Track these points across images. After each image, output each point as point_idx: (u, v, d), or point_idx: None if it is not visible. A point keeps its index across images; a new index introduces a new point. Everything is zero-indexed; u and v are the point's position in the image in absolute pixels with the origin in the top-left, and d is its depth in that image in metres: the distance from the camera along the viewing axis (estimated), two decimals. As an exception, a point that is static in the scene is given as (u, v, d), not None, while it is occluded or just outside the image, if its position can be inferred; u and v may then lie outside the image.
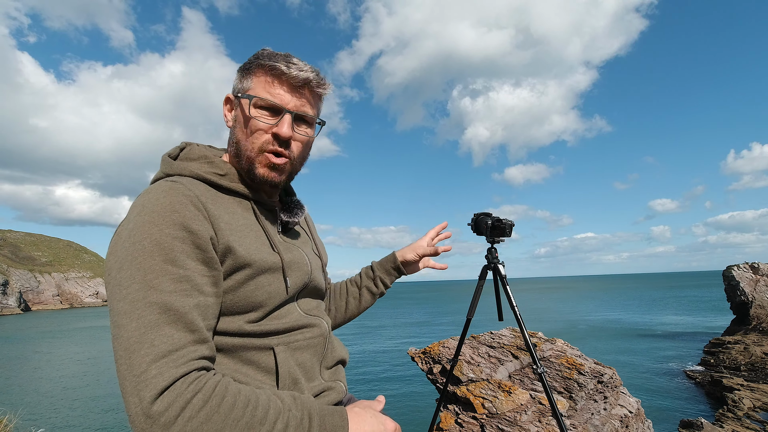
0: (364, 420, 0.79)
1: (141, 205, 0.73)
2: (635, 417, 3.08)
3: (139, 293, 0.65)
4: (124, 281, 0.66)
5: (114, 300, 0.66)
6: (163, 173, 0.86)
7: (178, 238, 0.70)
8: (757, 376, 14.53)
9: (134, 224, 0.70)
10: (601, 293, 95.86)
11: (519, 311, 1.96)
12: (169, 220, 0.70)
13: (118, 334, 0.64)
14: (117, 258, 0.69)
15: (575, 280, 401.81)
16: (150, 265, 0.66)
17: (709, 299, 57.08)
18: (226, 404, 0.63)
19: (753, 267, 20.88)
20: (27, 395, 16.58)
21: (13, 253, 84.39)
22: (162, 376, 0.60)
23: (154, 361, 0.61)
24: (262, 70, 0.86)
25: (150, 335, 0.63)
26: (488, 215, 2.02)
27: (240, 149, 0.87)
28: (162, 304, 0.65)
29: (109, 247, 0.74)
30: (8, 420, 3.86)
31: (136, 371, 0.61)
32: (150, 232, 0.69)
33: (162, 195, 0.73)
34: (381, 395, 0.95)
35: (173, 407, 0.59)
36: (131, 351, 0.62)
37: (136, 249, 0.68)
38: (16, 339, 35.98)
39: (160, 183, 0.77)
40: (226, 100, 0.93)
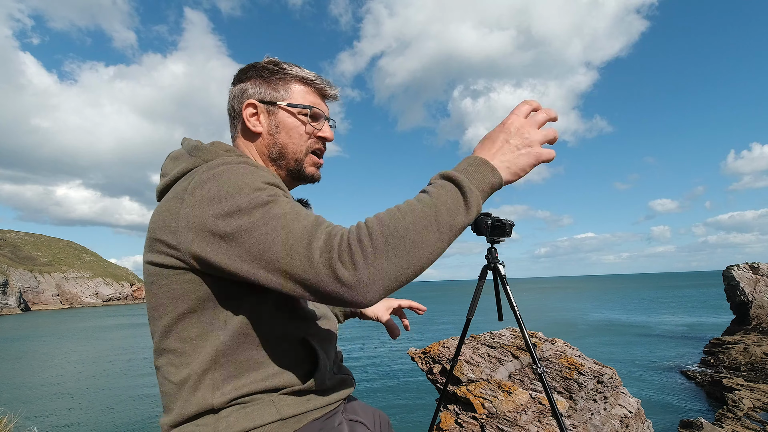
0: (484, 144, 0.77)
1: (217, 174, 0.76)
2: (635, 417, 3.08)
3: (267, 215, 0.70)
4: (245, 220, 0.70)
5: (245, 237, 0.70)
6: (203, 161, 0.86)
7: (272, 184, 0.77)
8: (757, 376, 14.53)
9: (222, 185, 0.73)
10: (601, 293, 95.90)
11: (519, 311, 1.96)
12: (257, 173, 0.77)
13: (274, 251, 0.68)
14: (219, 213, 0.71)
15: (575, 280, 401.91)
16: (261, 199, 0.72)
17: (709, 299, 57.09)
18: (378, 218, 0.69)
19: (753, 267, 20.88)
20: (27, 395, 16.58)
21: (13, 253, 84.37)
22: (328, 250, 0.66)
23: (328, 229, 0.69)
24: (301, 81, 0.97)
25: (315, 221, 0.70)
26: (488, 215, 2.02)
27: (287, 152, 0.96)
28: (292, 210, 0.72)
29: (194, 218, 0.74)
30: (8, 420, 3.86)
31: (310, 264, 0.66)
32: (245, 181, 0.74)
33: (238, 163, 0.79)
34: None
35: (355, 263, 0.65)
36: (310, 231, 0.68)
37: (239, 196, 0.72)
38: (16, 339, 35.98)
39: (225, 158, 0.82)
40: (249, 106, 0.96)
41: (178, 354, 0.81)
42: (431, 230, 0.66)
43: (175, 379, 0.81)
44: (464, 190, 0.69)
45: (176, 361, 0.81)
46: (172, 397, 0.81)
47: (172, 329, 0.81)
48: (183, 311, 0.79)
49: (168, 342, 0.81)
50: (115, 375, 20.20)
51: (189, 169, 0.85)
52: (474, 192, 0.69)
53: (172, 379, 0.81)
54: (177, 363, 0.81)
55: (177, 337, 0.81)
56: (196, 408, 0.78)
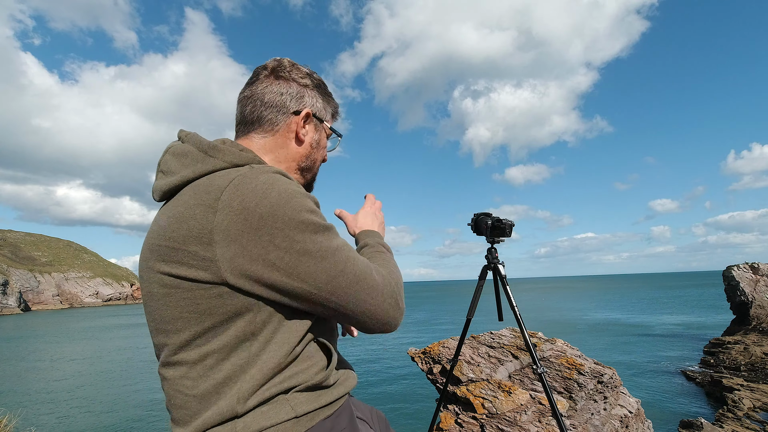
0: (369, 219, 1.14)
1: (263, 188, 0.75)
2: (635, 417, 3.07)
3: (333, 242, 0.79)
4: (311, 244, 0.75)
5: (312, 263, 0.75)
6: (228, 163, 0.82)
7: (318, 205, 0.83)
8: (757, 376, 14.53)
9: (274, 202, 0.74)
10: (601, 293, 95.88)
11: (519, 311, 1.96)
12: (304, 193, 0.80)
13: (345, 280, 0.78)
14: (276, 234, 0.73)
15: (575, 280, 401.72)
16: (321, 224, 0.78)
17: (709, 299, 57.08)
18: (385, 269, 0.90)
19: (753, 267, 20.88)
20: (26, 395, 16.58)
21: (13, 253, 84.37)
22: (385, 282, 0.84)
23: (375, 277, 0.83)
24: (336, 111, 1.08)
25: (360, 261, 0.82)
26: (488, 215, 2.02)
27: (314, 167, 1.06)
28: (348, 243, 0.84)
29: (242, 235, 0.72)
30: (8, 420, 3.86)
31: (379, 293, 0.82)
32: (299, 202, 0.76)
33: (281, 177, 0.81)
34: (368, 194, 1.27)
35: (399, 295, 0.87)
36: (362, 278, 0.80)
37: (298, 218, 0.75)
38: (16, 339, 35.98)
39: (263, 167, 0.82)
40: (307, 116, 0.98)
41: (197, 367, 0.78)
42: (399, 281, 0.92)
43: (193, 392, 0.78)
44: (388, 249, 1.03)
45: (194, 374, 0.78)
46: (188, 410, 0.78)
47: (193, 343, 0.78)
48: (208, 326, 0.76)
49: (185, 355, 0.78)
50: (115, 375, 20.20)
51: (209, 171, 0.80)
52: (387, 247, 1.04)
53: (190, 392, 0.78)
54: (195, 376, 0.78)
55: (198, 351, 0.77)
56: (220, 418, 0.76)
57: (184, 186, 0.80)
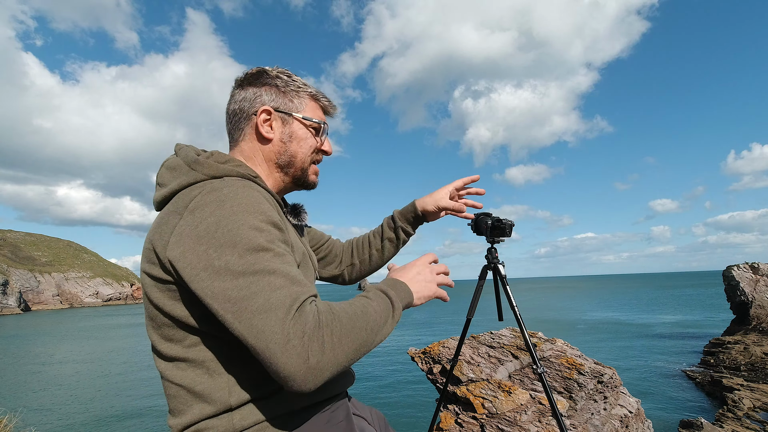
0: (401, 273, 0.97)
1: (219, 200, 0.77)
2: (635, 417, 3.08)
3: (257, 265, 0.72)
4: (236, 261, 0.71)
5: (232, 278, 0.71)
6: (206, 175, 0.86)
7: (271, 224, 0.79)
8: (757, 376, 14.52)
9: (225, 214, 0.75)
10: (601, 293, 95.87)
11: (519, 311, 1.96)
12: (259, 209, 0.78)
13: (253, 301, 0.69)
14: (218, 245, 0.72)
15: (575, 280, 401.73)
16: (257, 244, 0.74)
17: (709, 299, 57.08)
18: (341, 310, 0.75)
19: (753, 267, 20.87)
20: (26, 395, 16.58)
21: (13, 253, 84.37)
22: (310, 315, 0.70)
23: (298, 308, 0.70)
24: (312, 97, 1.04)
25: (285, 291, 0.71)
26: (488, 215, 2.02)
27: (296, 161, 1.03)
28: (282, 270, 0.73)
29: (186, 239, 0.75)
30: (8, 420, 3.86)
31: (286, 324, 0.68)
32: (246, 219, 0.75)
33: (241, 191, 0.80)
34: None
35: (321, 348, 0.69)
36: (275, 308, 0.69)
37: (239, 235, 0.73)
38: (16, 339, 35.98)
39: (228, 181, 0.83)
40: (263, 112, 0.98)
41: (183, 360, 0.82)
42: (371, 334, 0.77)
43: (183, 382, 0.81)
44: (394, 306, 0.85)
45: (182, 365, 0.82)
46: (181, 399, 0.81)
47: (173, 337, 0.82)
48: (184, 323, 0.80)
49: (170, 348, 0.82)
50: (115, 375, 20.20)
51: (190, 183, 0.85)
52: (399, 310, 0.86)
53: (180, 383, 0.81)
54: (184, 367, 0.82)
55: (180, 345, 0.82)
56: (214, 410, 0.79)
57: (171, 197, 0.86)
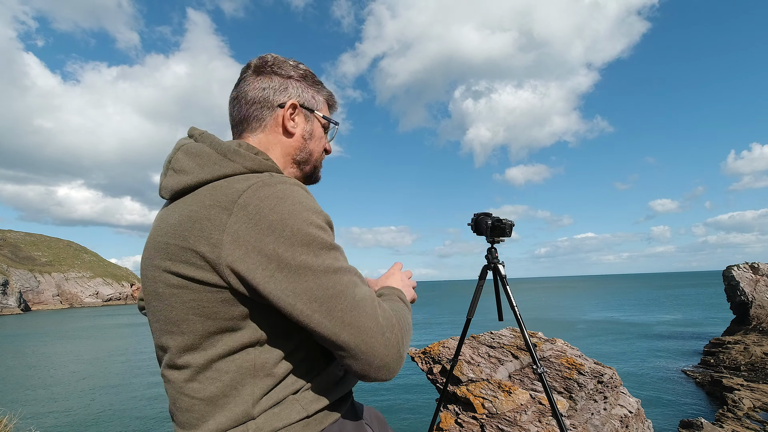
0: (390, 280, 1.02)
1: (277, 196, 0.75)
2: (635, 417, 3.07)
3: (336, 263, 0.75)
4: (313, 260, 0.72)
5: (311, 277, 0.72)
6: (246, 168, 0.81)
7: (328, 222, 0.81)
8: (757, 376, 14.53)
9: (286, 211, 0.73)
10: (601, 293, 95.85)
11: (519, 311, 1.96)
12: (316, 208, 0.79)
13: (341, 300, 0.72)
14: (280, 244, 0.71)
15: (575, 280, 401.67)
16: (328, 242, 0.75)
17: (709, 299, 57.06)
18: (397, 314, 0.82)
19: (753, 267, 20.87)
20: (27, 395, 16.58)
21: (13, 253, 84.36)
22: (386, 311, 0.78)
23: (379, 305, 0.77)
24: (331, 98, 1.05)
25: (365, 287, 0.77)
26: (488, 215, 2.02)
27: (312, 158, 1.02)
28: (352, 269, 0.79)
29: (248, 238, 0.71)
30: (8, 420, 3.86)
31: (377, 316, 0.74)
32: (309, 217, 0.75)
33: (294, 187, 0.79)
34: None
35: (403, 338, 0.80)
36: (360, 307, 0.73)
37: (305, 232, 0.73)
38: (16, 339, 35.98)
39: (280, 177, 0.80)
40: (293, 107, 0.95)
41: (205, 370, 0.76)
42: (410, 330, 0.87)
43: (200, 395, 0.76)
44: (409, 310, 0.92)
45: (201, 377, 0.77)
46: (195, 413, 0.77)
47: (199, 346, 0.76)
48: (214, 330, 0.75)
49: (190, 358, 0.77)
50: (115, 375, 20.20)
51: (227, 174, 0.78)
52: (408, 304, 0.95)
53: (197, 395, 0.76)
54: (203, 379, 0.76)
55: (204, 354, 0.76)
56: (234, 422, 0.75)
57: (198, 187, 0.78)
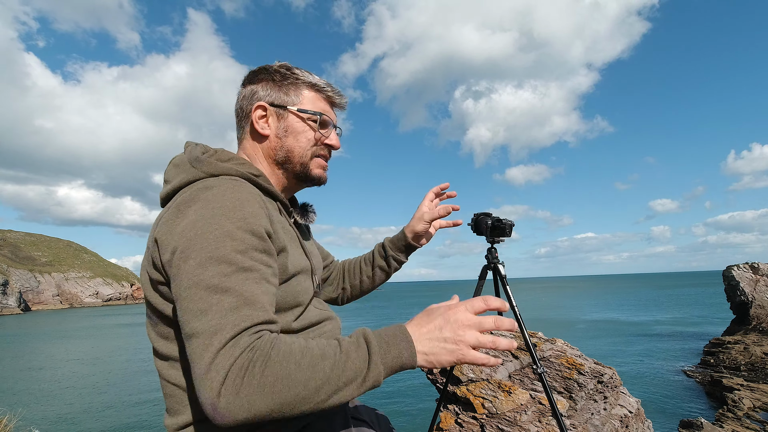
0: (421, 320, 0.74)
1: (205, 199, 0.76)
2: (635, 417, 3.08)
3: (214, 279, 0.68)
4: (195, 269, 0.69)
5: (186, 287, 0.69)
6: (205, 173, 0.86)
7: (248, 231, 0.74)
8: (757, 376, 14.52)
9: (202, 216, 0.74)
10: (601, 293, 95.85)
11: (519, 311, 1.96)
12: (240, 214, 0.75)
13: (198, 320, 0.66)
14: (185, 246, 0.71)
15: (575, 280, 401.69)
16: (222, 254, 0.70)
17: (709, 299, 57.06)
18: (284, 353, 0.65)
19: (753, 267, 20.87)
20: (27, 395, 16.58)
21: (13, 253, 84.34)
22: (237, 348, 0.63)
23: (232, 338, 0.64)
24: (312, 88, 0.98)
25: (231, 317, 0.65)
26: (488, 215, 2.02)
27: (293, 156, 0.98)
28: (237, 289, 0.68)
29: (164, 235, 0.75)
30: (8, 420, 3.86)
31: (212, 350, 0.63)
32: (221, 223, 0.73)
33: (229, 191, 0.78)
34: (455, 295, 0.84)
35: (236, 391, 0.61)
36: (212, 334, 0.64)
37: (207, 238, 0.71)
38: (16, 339, 35.97)
39: (221, 180, 0.81)
40: (258, 108, 0.96)
41: (179, 359, 0.81)
42: (313, 393, 0.64)
43: (177, 382, 0.81)
44: (371, 366, 0.68)
45: (178, 364, 0.81)
46: (177, 398, 0.81)
47: (169, 335, 0.82)
48: (174, 321, 0.79)
49: (166, 347, 0.82)
50: (115, 374, 20.19)
51: (190, 180, 0.85)
52: (378, 369, 0.68)
53: (176, 382, 0.81)
54: (179, 366, 0.81)
55: (176, 343, 0.81)
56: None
57: (174, 194, 0.86)
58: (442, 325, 0.72)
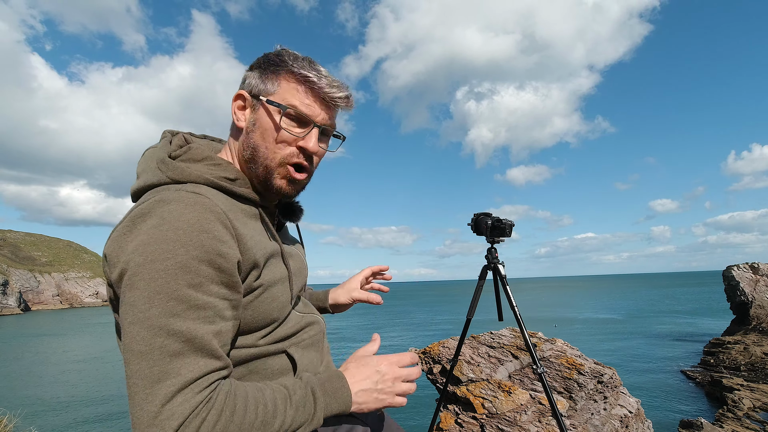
0: (358, 372, 0.82)
1: (161, 217, 0.66)
2: (635, 417, 3.07)
3: (161, 319, 0.62)
4: (142, 303, 0.62)
5: (129, 322, 0.63)
6: (169, 178, 0.77)
7: (205, 261, 0.66)
8: (757, 376, 14.52)
9: (155, 238, 0.64)
10: (601, 293, 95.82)
11: (519, 311, 1.96)
12: (197, 241, 0.65)
13: (138, 362, 0.61)
14: (133, 272, 0.64)
15: (575, 280, 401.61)
16: (173, 289, 0.63)
17: (709, 299, 57.05)
18: (239, 411, 0.65)
19: (753, 267, 20.87)
20: (27, 395, 16.58)
21: (13, 253, 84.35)
22: (188, 403, 0.61)
23: (179, 390, 0.61)
24: (292, 75, 0.81)
25: (176, 364, 0.62)
26: (488, 215, 2.02)
27: (258, 155, 0.83)
28: (185, 332, 0.63)
29: (114, 252, 0.67)
30: (8, 420, 3.86)
31: (157, 401, 0.60)
32: (175, 251, 0.64)
33: (188, 210, 0.67)
34: (375, 333, 0.97)
35: (188, 431, 0.60)
36: (155, 381, 0.60)
37: (157, 269, 0.63)
38: (16, 339, 35.96)
39: (181, 194, 0.70)
40: (238, 97, 0.85)
41: None
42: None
43: None
44: (313, 419, 0.73)
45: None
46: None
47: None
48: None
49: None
50: (115, 374, 20.19)
51: (153, 184, 0.77)
52: (319, 422, 0.74)
53: None
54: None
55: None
56: None
57: (141, 194, 0.78)
58: (377, 379, 0.82)
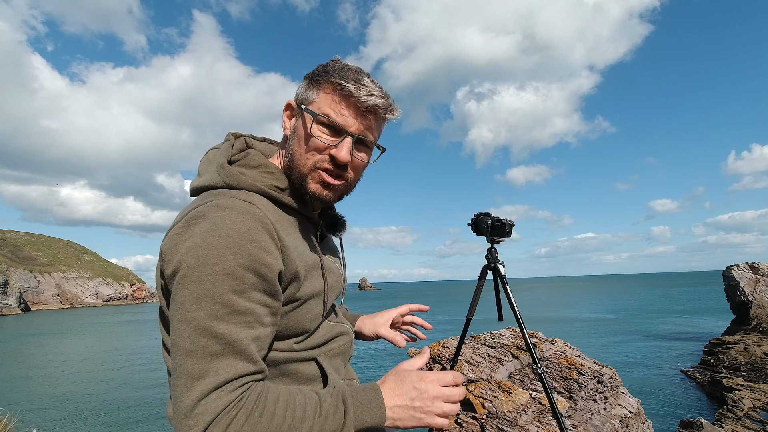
0: (396, 386, 0.78)
1: (214, 222, 0.71)
2: (635, 417, 3.07)
3: (205, 321, 0.67)
4: (190, 303, 0.67)
5: (178, 319, 0.68)
6: (225, 183, 0.82)
7: (250, 269, 0.70)
8: (757, 376, 14.52)
9: (207, 243, 0.69)
10: (601, 293, 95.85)
11: (519, 311, 1.96)
12: (245, 249, 0.70)
13: (183, 359, 0.66)
14: (185, 273, 0.69)
15: (575, 280, 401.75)
16: (219, 294, 0.67)
17: (709, 299, 57.06)
18: (267, 413, 0.67)
19: (753, 267, 20.86)
20: (27, 395, 16.58)
21: (13, 253, 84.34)
22: (221, 400, 0.64)
23: (215, 389, 0.65)
24: (330, 85, 0.82)
25: (215, 364, 0.66)
26: (488, 215, 2.02)
27: (294, 162, 0.86)
28: (226, 335, 0.67)
29: (169, 250, 0.72)
30: (8, 420, 3.86)
31: (194, 396, 0.64)
32: (224, 258, 0.68)
33: (239, 218, 0.72)
34: (426, 347, 0.91)
35: (218, 426, 0.63)
36: (196, 378, 0.65)
37: (206, 272, 0.68)
38: (16, 339, 35.97)
39: (234, 202, 0.74)
40: (287, 106, 0.90)
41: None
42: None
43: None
44: (345, 425, 0.72)
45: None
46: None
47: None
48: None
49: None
50: (115, 375, 20.19)
51: (211, 185, 0.83)
52: (348, 428, 0.72)
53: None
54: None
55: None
56: None
57: (198, 192, 0.85)
58: (415, 396, 0.77)
